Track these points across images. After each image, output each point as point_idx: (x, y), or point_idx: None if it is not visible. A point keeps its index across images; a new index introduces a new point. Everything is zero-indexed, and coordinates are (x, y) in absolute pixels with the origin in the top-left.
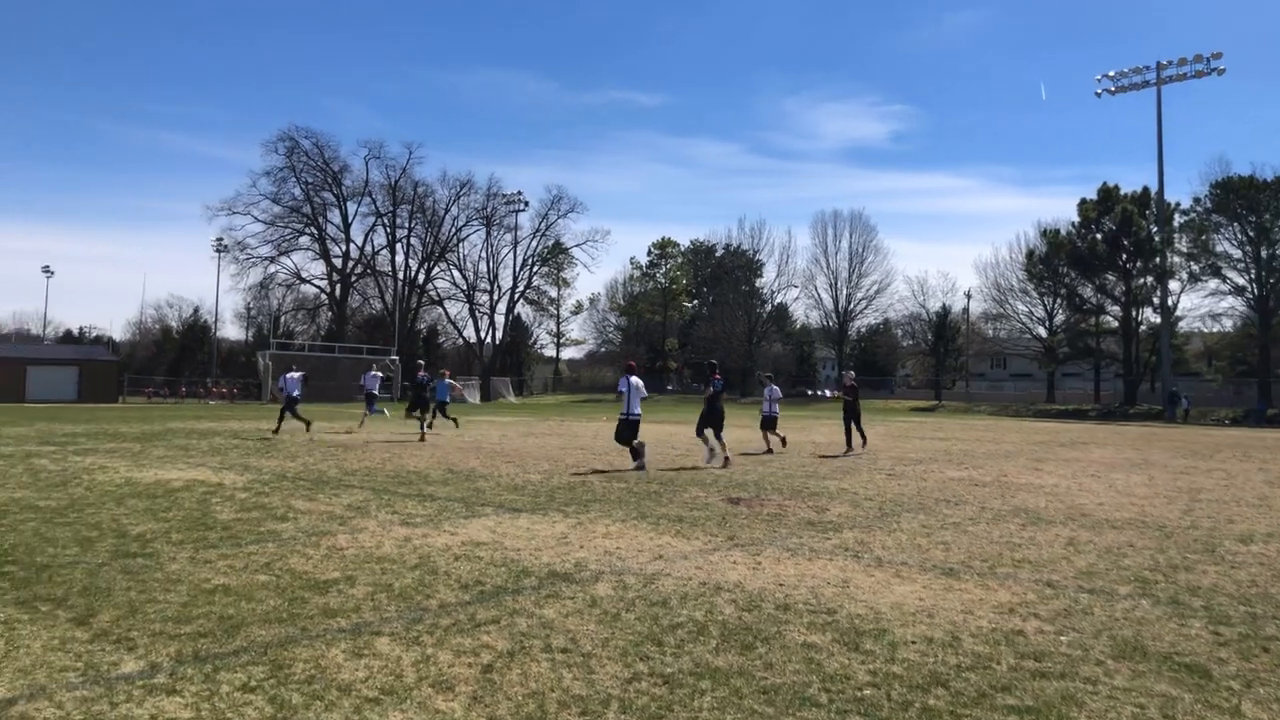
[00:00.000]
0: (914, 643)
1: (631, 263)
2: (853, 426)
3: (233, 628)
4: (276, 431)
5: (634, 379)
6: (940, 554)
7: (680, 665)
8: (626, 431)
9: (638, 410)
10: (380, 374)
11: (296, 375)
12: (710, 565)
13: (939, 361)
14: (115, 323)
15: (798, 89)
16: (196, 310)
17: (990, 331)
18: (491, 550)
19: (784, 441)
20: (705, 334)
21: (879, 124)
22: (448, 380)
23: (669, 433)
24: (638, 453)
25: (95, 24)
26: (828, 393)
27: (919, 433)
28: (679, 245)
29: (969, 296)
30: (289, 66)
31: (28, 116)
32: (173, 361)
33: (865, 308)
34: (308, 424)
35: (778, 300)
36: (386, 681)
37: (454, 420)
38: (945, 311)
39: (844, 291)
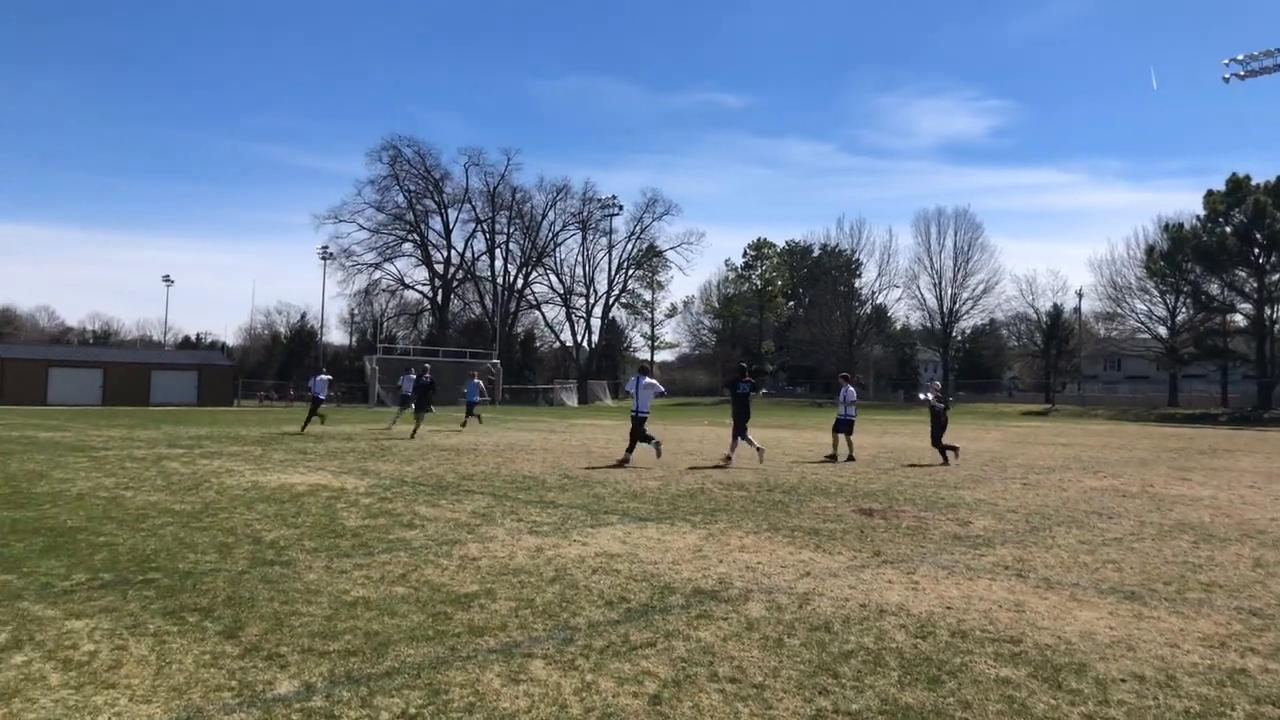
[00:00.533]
0: (1123, 681)
1: (727, 264)
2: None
3: (381, 645)
4: (303, 429)
5: (646, 379)
6: (1113, 574)
7: (865, 701)
8: (636, 428)
9: (645, 409)
10: (474, 378)
11: (324, 378)
12: (864, 584)
13: (1050, 364)
14: (228, 329)
15: (891, 86)
16: (303, 316)
17: (1102, 331)
18: (627, 563)
19: (851, 454)
20: (803, 336)
21: (977, 119)
22: (476, 382)
23: (779, 438)
24: (647, 441)
25: (200, 45)
26: (930, 396)
27: (1039, 438)
28: (775, 246)
29: (1080, 295)
30: (382, 78)
31: (144, 135)
32: (281, 365)
33: (971, 308)
34: (321, 419)
35: (878, 301)
36: (550, 713)
37: (479, 418)
38: (1057, 311)
39: (948, 291)
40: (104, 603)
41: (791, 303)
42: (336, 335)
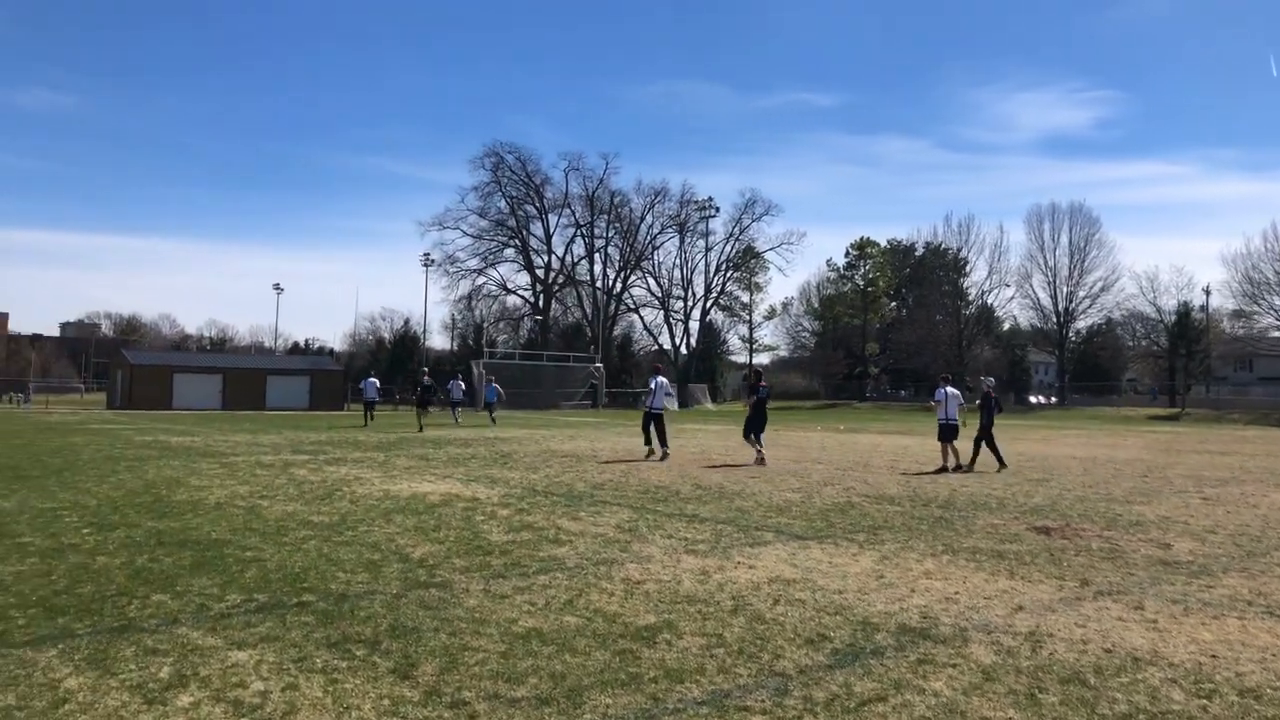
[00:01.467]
0: None
1: (828, 264)
2: (983, 441)
3: (573, 692)
4: (364, 426)
5: (661, 379)
6: None
7: None
8: (649, 423)
9: (660, 406)
10: (494, 382)
11: (373, 381)
12: (1093, 622)
13: (1175, 365)
14: (334, 335)
15: (989, 79)
16: (407, 322)
17: (1229, 330)
18: (808, 591)
19: (959, 463)
20: (908, 338)
21: (1080, 111)
22: (495, 386)
23: (902, 445)
24: (662, 441)
25: (304, 61)
26: (1041, 399)
27: (1185, 445)
28: (878, 245)
29: (1208, 292)
30: (475, 87)
31: (253, 147)
32: (386, 370)
33: (1088, 307)
34: (366, 423)
35: (987, 300)
36: None
37: (494, 420)
38: (1185, 309)
39: (1064, 290)
40: (263, 630)
41: (894, 303)
42: (438, 340)
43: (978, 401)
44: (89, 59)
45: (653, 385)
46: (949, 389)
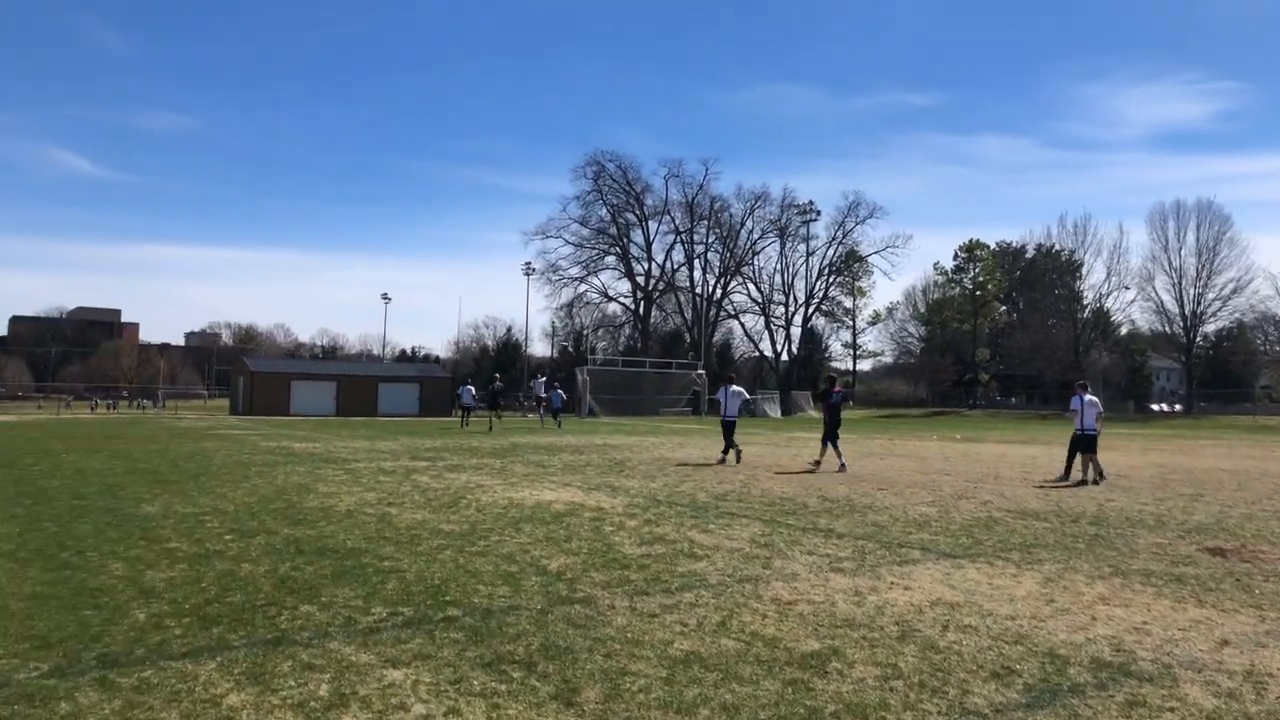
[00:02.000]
0: None
1: (935, 268)
2: (1079, 453)
3: None
4: (490, 428)
5: (733, 388)
6: None
7: None
8: (727, 432)
9: (734, 414)
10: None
11: (469, 387)
12: None
13: None
14: (439, 342)
15: (1097, 74)
16: (509, 329)
17: None
18: (976, 616)
19: (1098, 476)
20: (1020, 343)
21: (1199, 103)
22: (559, 391)
23: (1029, 456)
24: (730, 447)
25: (402, 80)
26: (1164, 407)
27: None
28: (988, 247)
29: None
30: (571, 99)
31: (358, 162)
32: (488, 377)
33: (1219, 309)
34: (490, 426)
35: (1105, 304)
36: None
37: (559, 424)
38: None
39: (1190, 292)
40: (414, 646)
41: (1004, 307)
42: (539, 348)
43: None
44: (205, 82)
45: (722, 395)
46: (1087, 396)
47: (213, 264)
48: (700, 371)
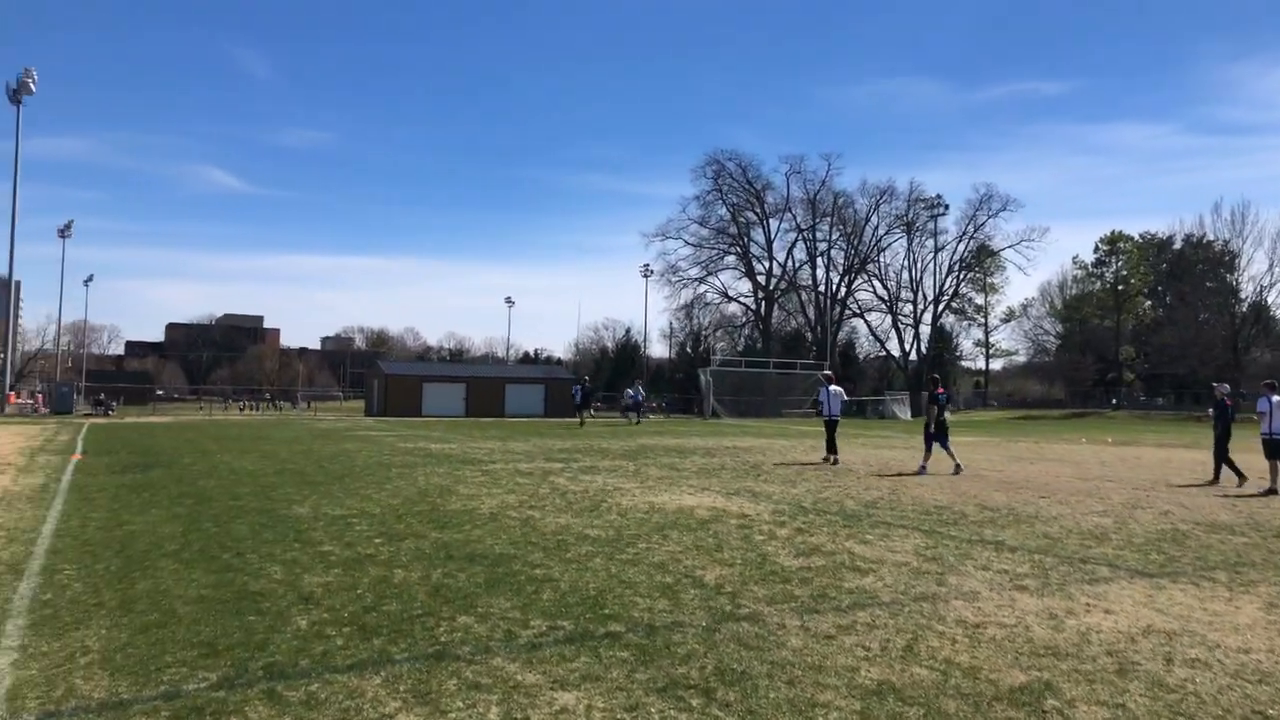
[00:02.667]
0: None
1: (1075, 262)
2: (1226, 455)
3: None
4: (582, 424)
5: (833, 388)
6: None
7: None
8: (829, 432)
9: (837, 413)
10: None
11: (577, 386)
12: None
13: None
14: (560, 344)
15: (1247, 53)
16: (628, 331)
17: None
18: (1202, 648)
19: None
20: (1169, 340)
21: None
22: (630, 391)
23: (1195, 460)
24: (833, 449)
25: (520, 92)
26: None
27: None
28: (1132, 239)
29: None
30: (685, 101)
31: (481, 172)
32: (609, 378)
33: None
34: (582, 422)
35: (1266, 298)
36: None
37: (637, 421)
38: None
39: None
40: (580, 665)
41: (1149, 302)
42: (657, 349)
43: (1210, 411)
44: (339, 100)
45: (822, 395)
46: (1275, 397)
47: (346, 272)
48: (827, 372)
